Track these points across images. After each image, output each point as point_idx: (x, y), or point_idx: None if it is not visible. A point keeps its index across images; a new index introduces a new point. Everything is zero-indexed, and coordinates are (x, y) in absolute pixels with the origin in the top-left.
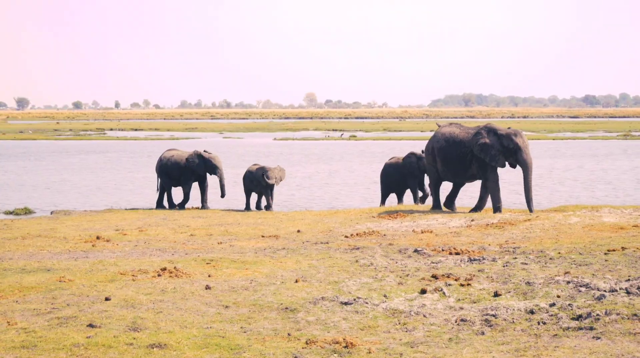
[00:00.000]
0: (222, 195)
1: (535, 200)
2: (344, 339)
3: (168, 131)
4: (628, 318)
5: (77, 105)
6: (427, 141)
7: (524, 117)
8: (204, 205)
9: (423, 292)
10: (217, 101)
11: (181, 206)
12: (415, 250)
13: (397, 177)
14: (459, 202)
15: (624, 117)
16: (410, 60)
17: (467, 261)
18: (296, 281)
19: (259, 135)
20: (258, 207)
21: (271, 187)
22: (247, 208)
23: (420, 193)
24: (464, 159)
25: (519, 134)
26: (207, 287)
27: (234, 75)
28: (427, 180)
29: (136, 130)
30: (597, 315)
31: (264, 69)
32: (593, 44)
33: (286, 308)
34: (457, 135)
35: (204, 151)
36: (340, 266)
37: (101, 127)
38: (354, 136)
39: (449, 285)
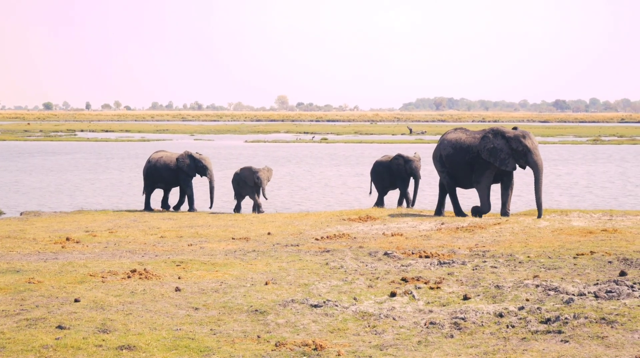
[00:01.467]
0: (211, 202)
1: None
2: (313, 342)
3: (139, 133)
4: (596, 322)
5: (47, 106)
6: (434, 148)
7: (495, 121)
8: (190, 207)
9: (393, 295)
10: (188, 103)
11: (190, 208)
12: (386, 253)
13: (386, 176)
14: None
15: (594, 122)
16: (382, 63)
17: (437, 264)
18: (266, 283)
19: (230, 137)
20: (254, 209)
21: (258, 188)
22: (238, 210)
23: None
24: (471, 165)
25: (528, 135)
26: (177, 289)
27: (206, 78)
28: (411, 184)
29: (107, 131)
30: (566, 318)
31: (236, 72)
32: (563, 49)
33: (256, 310)
34: (463, 141)
35: (196, 152)
36: (310, 269)
37: (72, 128)
38: (325, 139)
39: (419, 288)
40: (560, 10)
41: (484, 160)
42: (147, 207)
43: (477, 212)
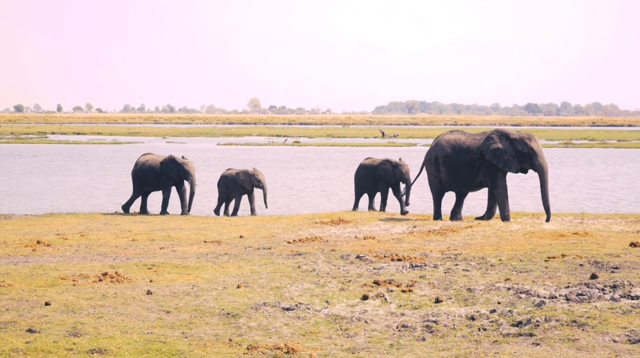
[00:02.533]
0: (189, 207)
1: (482, 209)
2: (285, 345)
3: (111, 135)
4: (567, 325)
5: (18, 108)
6: (427, 150)
7: (467, 124)
8: (183, 210)
9: (365, 298)
10: (160, 106)
11: (163, 211)
12: (358, 256)
13: (370, 180)
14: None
15: (565, 125)
16: (354, 66)
17: (409, 267)
18: (238, 286)
19: (202, 140)
20: (235, 213)
21: (250, 191)
22: (218, 212)
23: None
24: (472, 166)
25: (533, 138)
26: (149, 292)
27: (178, 80)
28: (402, 188)
29: (78, 134)
30: (537, 321)
31: (208, 74)
32: (535, 53)
33: (228, 313)
34: (463, 142)
35: (179, 157)
36: (282, 272)
37: (43, 131)
38: (298, 142)
39: (391, 291)
40: (532, 14)
41: (491, 163)
42: (126, 210)
43: (504, 219)
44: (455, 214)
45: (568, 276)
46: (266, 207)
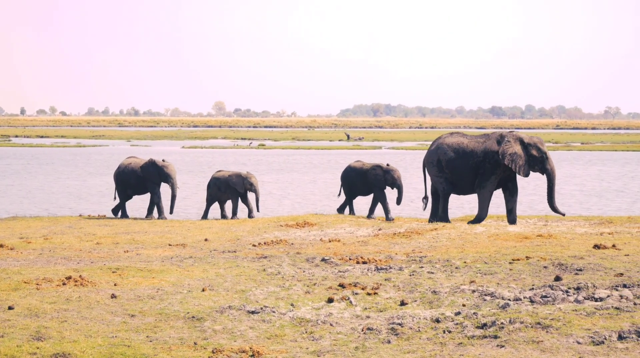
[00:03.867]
0: (171, 210)
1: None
2: (250, 348)
3: (75, 138)
4: (531, 327)
5: None
6: (428, 152)
7: (432, 127)
8: (160, 215)
9: (330, 300)
10: (125, 109)
11: (160, 216)
12: (323, 259)
13: (359, 183)
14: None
15: (529, 128)
16: (319, 69)
17: (374, 270)
18: (203, 290)
19: (167, 143)
20: (224, 216)
21: (243, 194)
22: (205, 217)
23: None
24: (476, 169)
25: (542, 141)
26: (113, 296)
27: (142, 83)
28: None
29: (42, 137)
30: (502, 323)
31: (173, 77)
32: (499, 56)
33: (193, 317)
34: (466, 145)
35: (160, 160)
36: (247, 275)
37: (6, 134)
38: (263, 145)
39: (356, 294)
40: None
41: (490, 165)
42: (123, 214)
43: (476, 219)
44: (436, 215)
45: (532, 278)
46: (257, 211)
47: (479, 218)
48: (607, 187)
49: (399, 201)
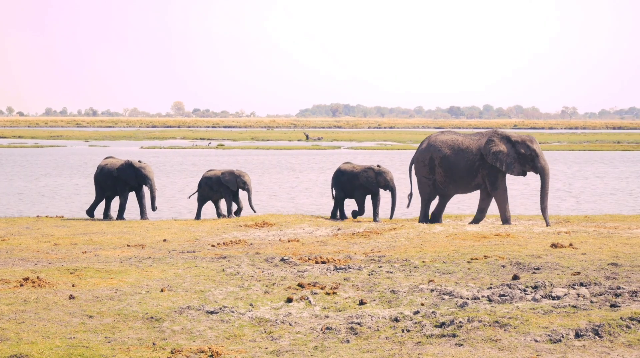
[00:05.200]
0: (153, 208)
1: (403, 212)
2: (209, 348)
3: (32, 139)
4: (489, 325)
5: None
6: (418, 151)
7: (391, 127)
8: (142, 216)
9: (289, 300)
10: (83, 109)
11: (119, 217)
12: (282, 259)
13: (350, 186)
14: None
15: (487, 128)
16: (278, 69)
17: (333, 270)
18: (162, 290)
19: (126, 143)
20: (229, 213)
21: (235, 192)
22: (199, 217)
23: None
24: (471, 167)
25: (534, 140)
26: (71, 297)
27: (101, 83)
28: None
29: None
30: (460, 322)
31: (131, 77)
32: (457, 56)
33: (151, 317)
34: (461, 143)
35: (137, 161)
36: (206, 275)
37: None
38: (222, 145)
39: (315, 293)
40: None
41: (491, 164)
42: (108, 214)
43: (504, 221)
44: (437, 217)
45: (490, 277)
46: (251, 207)
47: (506, 221)
48: (560, 187)
49: (392, 204)
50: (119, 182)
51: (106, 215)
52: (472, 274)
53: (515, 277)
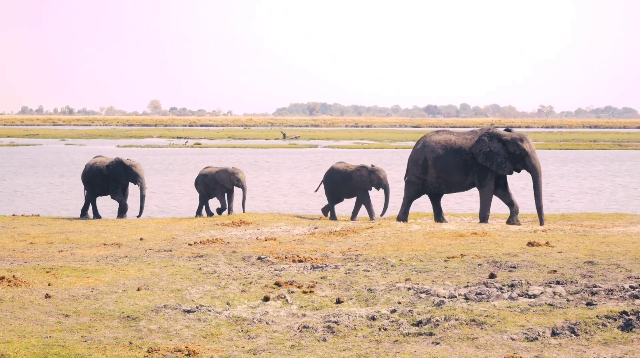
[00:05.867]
0: (141, 210)
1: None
2: (186, 347)
3: (8, 137)
4: (466, 324)
5: None
6: (414, 151)
7: (368, 126)
8: (121, 215)
9: (266, 299)
10: (59, 107)
11: (120, 215)
12: (259, 258)
13: (343, 185)
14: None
15: (464, 126)
16: (255, 68)
17: (310, 268)
18: (138, 289)
19: (102, 142)
20: (221, 211)
21: (230, 190)
22: (199, 213)
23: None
24: (465, 166)
25: (525, 138)
26: (47, 296)
27: (77, 82)
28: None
29: None
30: (437, 321)
31: (108, 76)
32: (434, 55)
33: (128, 316)
34: (454, 142)
35: (127, 159)
36: (183, 274)
37: None
38: (199, 144)
39: (292, 292)
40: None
41: (480, 164)
42: (86, 213)
43: (482, 219)
44: (438, 217)
45: (467, 276)
46: (243, 207)
47: (484, 218)
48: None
49: (385, 202)
50: (110, 180)
51: (84, 214)
52: (449, 273)
53: (492, 276)
